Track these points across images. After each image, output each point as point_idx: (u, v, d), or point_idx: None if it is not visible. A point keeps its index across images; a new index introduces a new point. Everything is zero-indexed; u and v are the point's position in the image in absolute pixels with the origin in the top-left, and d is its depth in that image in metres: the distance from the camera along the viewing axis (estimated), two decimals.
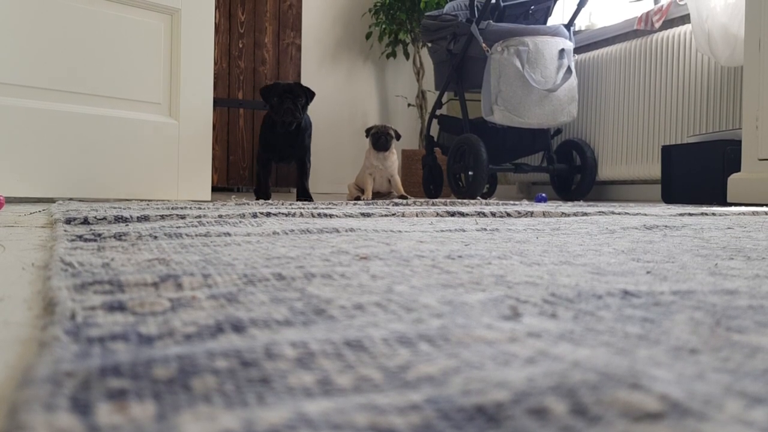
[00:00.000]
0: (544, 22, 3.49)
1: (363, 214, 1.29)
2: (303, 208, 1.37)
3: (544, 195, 2.60)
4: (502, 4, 3.37)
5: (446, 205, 1.89)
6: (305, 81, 4.38)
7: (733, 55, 2.73)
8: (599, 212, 1.51)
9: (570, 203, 2.38)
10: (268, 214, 1.18)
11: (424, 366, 0.26)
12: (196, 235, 0.79)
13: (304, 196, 2.87)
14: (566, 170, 3.47)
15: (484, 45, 3.11)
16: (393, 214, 1.33)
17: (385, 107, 4.90)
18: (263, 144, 2.87)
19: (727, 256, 0.66)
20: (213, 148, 3.61)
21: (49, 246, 0.72)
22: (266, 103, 2.82)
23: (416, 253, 0.63)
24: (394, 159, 3.15)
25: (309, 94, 2.80)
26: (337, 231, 0.89)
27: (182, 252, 0.62)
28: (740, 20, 2.61)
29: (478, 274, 0.50)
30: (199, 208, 1.41)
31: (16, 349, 0.32)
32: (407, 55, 4.61)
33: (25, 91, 2.04)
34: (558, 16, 4.01)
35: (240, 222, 1.01)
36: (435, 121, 3.69)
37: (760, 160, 2.29)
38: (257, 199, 2.72)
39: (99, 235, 0.77)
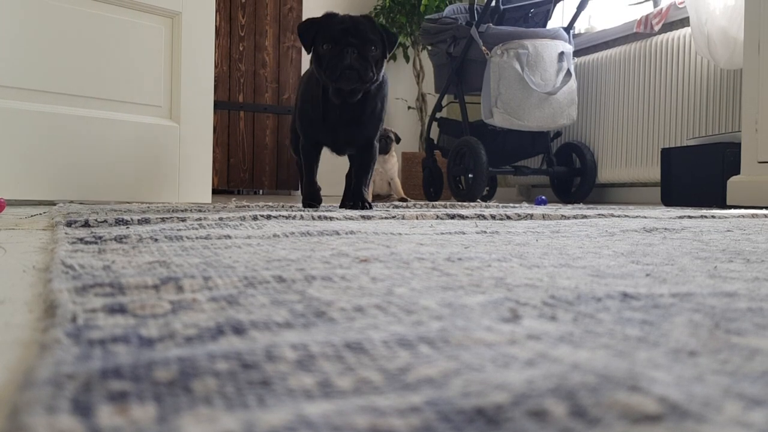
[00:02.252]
0: (544, 25, 3.49)
1: (363, 217, 1.29)
2: (303, 211, 1.37)
3: (543, 198, 2.60)
4: (501, 7, 3.37)
5: (446, 207, 1.89)
6: None
7: (733, 58, 2.73)
8: (599, 215, 1.51)
9: (570, 206, 2.38)
10: (269, 217, 1.18)
11: (424, 368, 0.26)
12: (197, 238, 0.79)
13: (356, 199, 1.78)
14: (566, 173, 3.47)
15: (483, 48, 3.11)
16: (393, 217, 1.33)
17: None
18: (306, 123, 1.77)
19: (727, 258, 0.66)
20: (213, 151, 3.62)
21: (50, 249, 0.72)
22: (308, 52, 1.68)
23: (416, 255, 0.63)
24: (394, 162, 3.15)
25: (388, 40, 1.66)
26: (338, 233, 0.89)
27: (183, 254, 0.62)
28: (739, 23, 2.61)
29: (477, 277, 0.50)
30: (200, 211, 1.42)
31: (17, 351, 0.32)
32: (407, 58, 4.62)
33: (26, 94, 2.05)
34: (557, 19, 4.02)
35: (240, 224, 1.01)
36: (435, 124, 3.69)
37: (760, 162, 2.29)
38: (306, 205, 1.79)
39: (100, 237, 0.77)
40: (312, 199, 1.83)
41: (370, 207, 1.78)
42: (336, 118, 1.73)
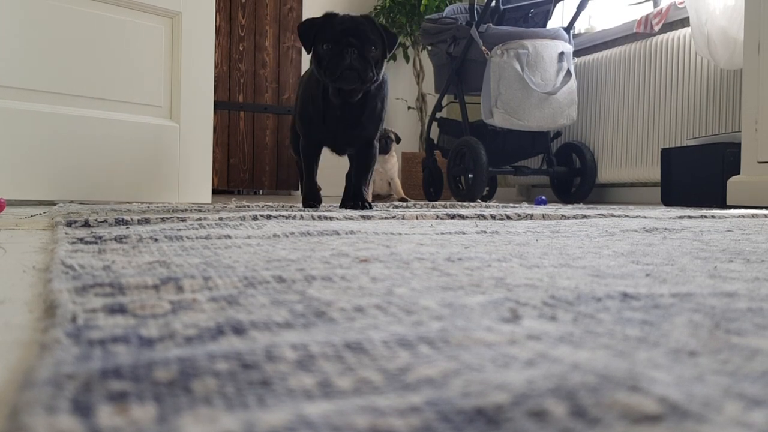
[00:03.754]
0: (544, 25, 3.50)
1: (363, 217, 1.29)
2: (303, 211, 1.37)
3: (543, 198, 2.60)
4: (501, 7, 3.38)
5: (446, 207, 1.89)
6: None
7: (733, 58, 2.73)
8: (599, 215, 1.51)
9: (570, 206, 2.38)
10: (269, 217, 1.18)
11: (424, 368, 0.26)
12: (197, 238, 0.79)
13: (356, 199, 1.78)
14: (566, 173, 3.47)
15: (483, 48, 3.11)
16: (393, 217, 1.33)
17: None
18: (307, 123, 1.76)
19: (727, 258, 0.66)
20: (213, 151, 3.61)
21: (50, 249, 0.72)
22: (308, 52, 1.68)
23: (416, 255, 0.63)
24: (394, 162, 3.15)
25: (388, 40, 1.66)
26: (338, 233, 0.89)
27: (183, 254, 0.62)
28: (739, 23, 2.61)
29: (477, 277, 0.50)
30: (200, 211, 1.42)
31: (17, 351, 0.32)
32: (407, 58, 4.62)
33: (27, 94, 2.05)
34: (557, 19, 4.02)
35: (240, 225, 1.01)
36: (435, 124, 3.69)
37: (760, 162, 2.29)
38: (306, 205, 1.79)
39: (100, 237, 0.77)
40: (312, 199, 1.83)
41: (370, 207, 1.77)
42: (336, 118, 1.72)
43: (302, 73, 1.78)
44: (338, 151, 1.87)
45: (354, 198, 1.79)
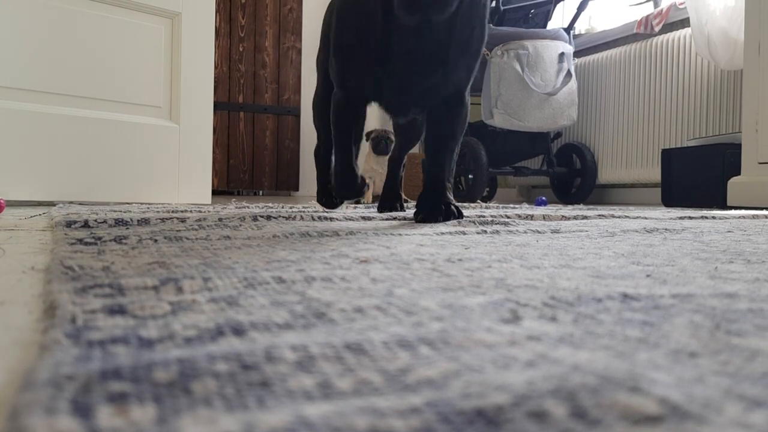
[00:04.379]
0: (544, 26, 3.50)
1: (363, 218, 1.29)
2: (303, 212, 1.37)
3: (544, 198, 2.60)
4: (501, 7, 3.38)
5: None
6: (306, 85, 4.38)
7: (733, 59, 2.73)
8: (599, 215, 1.51)
9: (570, 206, 2.38)
10: (269, 218, 1.18)
11: (424, 369, 0.26)
12: (197, 239, 0.79)
13: (438, 200, 1.14)
14: (566, 173, 3.47)
15: (484, 48, 3.11)
16: (393, 218, 1.33)
17: None
18: (349, 60, 1.09)
19: (727, 259, 0.66)
20: (213, 152, 3.61)
21: (50, 249, 0.72)
22: None
23: (416, 256, 0.63)
24: None
25: None
26: (337, 234, 0.89)
27: (182, 255, 0.62)
28: (740, 24, 2.61)
29: (478, 278, 0.50)
30: (200, 212, 1.42)
31: (17, 352, 0.32)
32: None
33: (26, 95, 2.05)
34: (558, 20, 4.02)
35: (240, 225, 1.01)
36: None
37: (760, 163, 2.29)
38: (331, 200, 1.32)
39: (99, 238, 0.77)
40: (346, 188, 1.17)
41: (460, 214, 1.14)
42: (403, 51, 1.02)
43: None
44: (397, 111, 1.17)
45: (433, 196, 1.13)
